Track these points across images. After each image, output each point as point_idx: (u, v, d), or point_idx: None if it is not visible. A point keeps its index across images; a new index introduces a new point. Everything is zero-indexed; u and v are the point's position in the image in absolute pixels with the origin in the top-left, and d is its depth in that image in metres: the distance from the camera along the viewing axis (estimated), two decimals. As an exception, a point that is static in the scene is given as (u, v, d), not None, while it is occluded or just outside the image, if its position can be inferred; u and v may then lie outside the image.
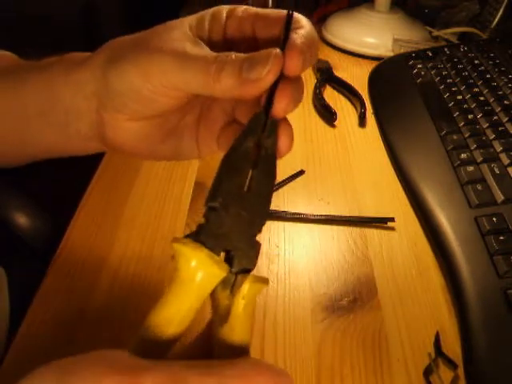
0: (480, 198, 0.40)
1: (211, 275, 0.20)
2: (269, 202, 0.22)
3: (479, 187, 0.41)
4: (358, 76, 0.68)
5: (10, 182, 0.50)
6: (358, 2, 0.81)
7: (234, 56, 0.24)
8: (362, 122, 0.58)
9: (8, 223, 0.50)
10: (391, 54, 0.72)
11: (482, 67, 0.60)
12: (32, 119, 0.30)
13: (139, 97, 0.26)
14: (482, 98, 0.53)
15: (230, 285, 0.21)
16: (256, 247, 0.22)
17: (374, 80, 0.65)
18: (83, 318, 0.34)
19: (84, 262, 0.38)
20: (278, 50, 0.24)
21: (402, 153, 0.50)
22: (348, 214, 0.44)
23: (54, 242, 0.40)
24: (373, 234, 0.42)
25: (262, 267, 0.38)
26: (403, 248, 0.41)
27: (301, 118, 0.59)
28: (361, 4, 0.80)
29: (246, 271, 0.21)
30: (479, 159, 0.44)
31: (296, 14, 0.27)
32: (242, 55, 0.24)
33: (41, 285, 0.36)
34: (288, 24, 0.25)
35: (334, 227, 0.43)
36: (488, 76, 0.57)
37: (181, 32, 0.26)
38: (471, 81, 0.57)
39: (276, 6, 0.88)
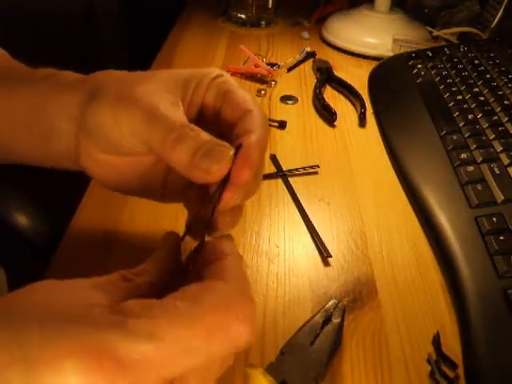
0: (480, 198, 0.40)
1: None
2: (327, 358, 0.30)
3: (479, 187, 0.41)
4: (358, 76, 0.68)
5: (9, 182, 0.50)
6: (358, 3, 0.81)
7: (196, 134, 0.24)
8: (361, 122, 0.58)
9: (8, 223, 0.50)
10: (391, 53, 0.72)
11: (482, 67, 0.60)
12: (19, 129, 0.30)
13: (108, 138, 0.27)
14: (482, 98, 0.53)
15: None
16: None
17: (374, 80, 0.65)
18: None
19: (84, 261, 0.38)
20: (232, 153, 0.24)
21: (401, 153, 0.50)
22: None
23: (54, 242, 0.40)
24: (373, 233, 0.42)
25: (261, 267, 0.38)
26: (403, 248, 0.41)
27: (301, 117, 0.59)
28: (361, 4, 0.80)
29: None
30: (479, 159, 0.44)
31: (254, 114, 0.27)
32: (205, 137, 0.24)
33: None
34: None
35: (334, 227, 0.43)
36: (488, 76, 0.57)
37: (164, 86, 0.27)
38: (471, 81, 0.57)
39: (276, 6, 0.88)
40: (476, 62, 0.61)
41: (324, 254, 0.39)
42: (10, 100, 0.30)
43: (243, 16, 0.86)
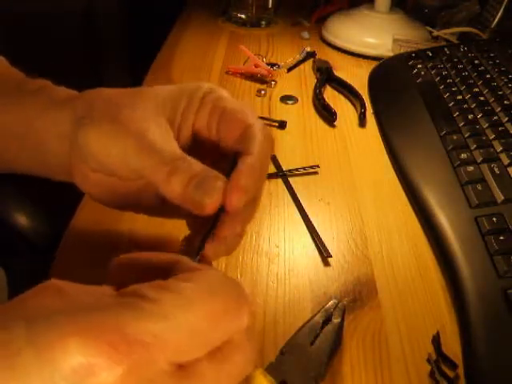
0: (480, 198, 0.40)
1: None
2: (327, 358, 0.30)
3: (479, 187, 0.41)
4: (358, 76, 0.68)
5: (9, 182, 0.50)
6: (358, 3, 0.81)
7: (187, 165, 0.24)
8: (361, 122, 0.58)
9: (8, 223, 0.50)
10: (391, 53, 0.72)
11: (482, 67, 0.60)
12: (11, 140, 0.31)
13: (99, 162, 0.27)
14: (482, 98, 0.53)
15: None
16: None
17: (374, 80, 0.65)
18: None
19: (85, 261, 0.38)
20: (221, 185, 0.24)
21: (401, 153, 0.50)
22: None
23: (54, 242, 0.40)
24: (373, 233, 0.42)
25: (261, 267, 0.38)
26: (403, 248, 0.41)
27: (301, 117, 0.59)
28: (361, 4, 0.80)
29: None
30: (479, 159, 0.44)
31: (252, 130, 0.27)
32: (197, 168, 0.24)
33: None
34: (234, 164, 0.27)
35: (334, 227, 0.43)
36: (488, 76, 0.57)
37: (152, 108, 0.27)
38: (471, 81, 0.57)
39: (276, 6, 0.88)
40: (476, 61, 0.61)
41: (324, 254, 0.39)
42: (1, 113, 0.30)
43: (243, 16, 0.86)
